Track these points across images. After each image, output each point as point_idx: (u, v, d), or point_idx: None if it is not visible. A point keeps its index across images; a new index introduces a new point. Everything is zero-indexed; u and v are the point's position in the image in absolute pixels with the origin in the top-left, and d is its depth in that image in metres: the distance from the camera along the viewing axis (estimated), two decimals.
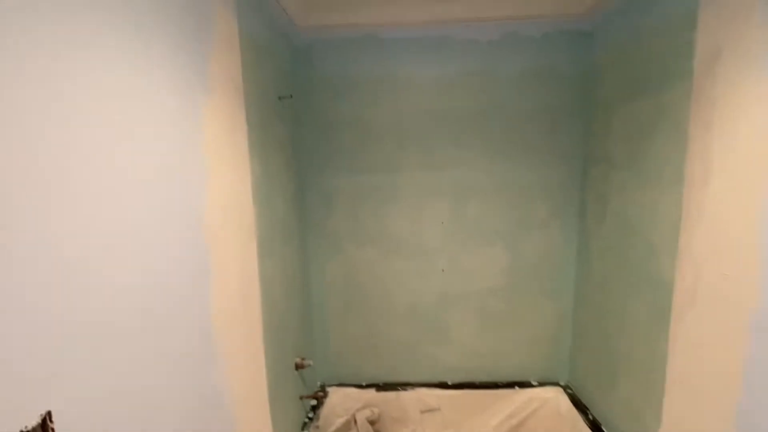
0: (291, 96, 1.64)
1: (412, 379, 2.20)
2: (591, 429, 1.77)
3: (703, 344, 1.21)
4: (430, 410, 2.14)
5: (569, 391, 2.07)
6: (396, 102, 1.98)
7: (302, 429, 1.86)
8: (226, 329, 1.11)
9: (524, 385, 2.14)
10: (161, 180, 0.83)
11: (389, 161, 2.03)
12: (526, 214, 2.05)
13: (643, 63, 1.48)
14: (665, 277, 1.38)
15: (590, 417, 1.85)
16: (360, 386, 2.17)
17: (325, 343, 2.19)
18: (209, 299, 1.02)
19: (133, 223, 0.75)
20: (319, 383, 2.19)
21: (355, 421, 2.05)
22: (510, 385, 2.15)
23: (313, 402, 2.02)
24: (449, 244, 2.08)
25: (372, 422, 2.07)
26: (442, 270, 2.11)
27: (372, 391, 2.14)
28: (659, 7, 1.38)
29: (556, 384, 2.14)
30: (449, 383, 2.18)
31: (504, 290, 2.12)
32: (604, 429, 1.75)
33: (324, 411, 2.00)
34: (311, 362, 1.82)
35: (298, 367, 1.78)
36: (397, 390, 2.15)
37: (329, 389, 2.12)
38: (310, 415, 1.96)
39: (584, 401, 1.96)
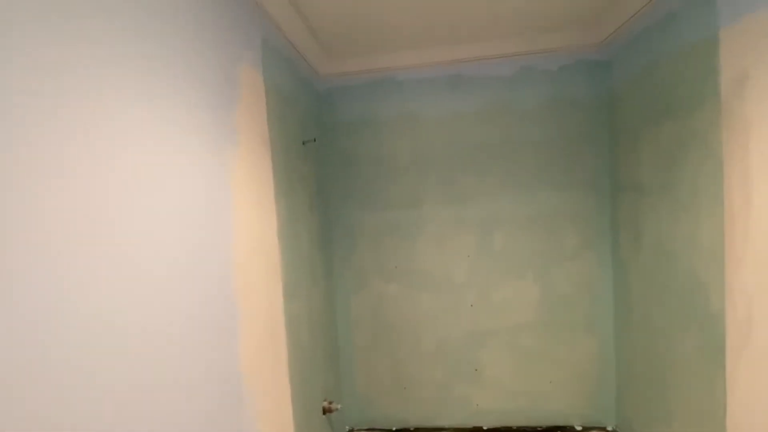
0: (315, 140, 1.71)
1: (444, 423, 2.08)
2: None
3: (765, 382, 1.09)
4: None
5: None
6: (416, 139, 2.02)
7: None
8: (253, 373, 1.10)
9: (567, 430, 1.98)
10: (191, 227, 0.87)
11: (412, 196, 2.05)
12: (555, 244, 1.99)
13: (667, 88, 1.46)
14: (714, 309, 1.28)
15: None
16: (390, 431, 2.07)
17: (351, 384, 2.13)
18: (238, 342, 1.03)
19: (167, 267, 0.78)
20: (347, 428, 2.11)
21: None
22: (551, 429, 1.99)
23: None
24: (476, 277, 2.03)
25: None
26: (471, 305, 2.04)
27: None
28: (677, 35, 1.38)
29: (603, 429, 1.97)
30: (485, 428, 2.05)
31: (537, 325, 2.02)
32: None
33: None
34: (339, 406, 1.77)
35: (325, 411, 1.73)
36: None
37: None
38: None
39: None
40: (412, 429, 2.07)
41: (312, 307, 1.70)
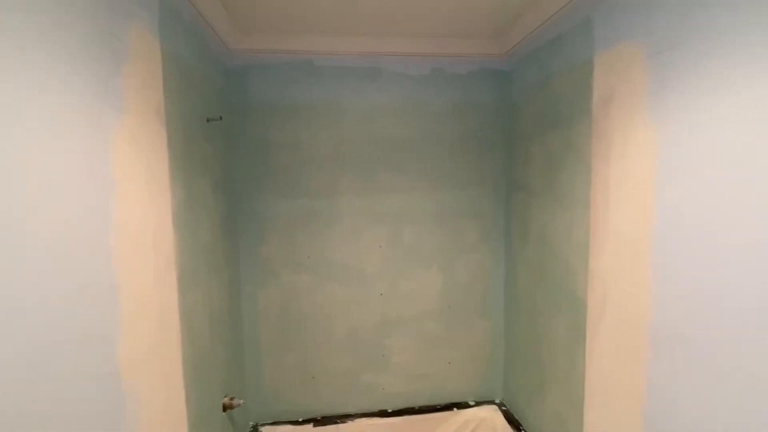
0: (221, 118, 1.57)
1: (352, 409, 2.12)
2: None
3: (613, 356, 1.33)
4: None
5: (504, 408, 2.15)
6: (333, 128, 2.00)
7: None
8: (137, 374, 0.98)
9: (462, 405, 2.18)
10: (53, 208, 0.74)
11: (327, 186, 2.02)
12: (458, 238, 2.15)
13: (554, 102, 1.66)
14: (580, 294, 1.51)
15: None
16: (296, 423, 2.04)
17: (258, 379, 2.04)
18: (116, 341, 0.91)
19: (20, 258, 0.64)
20: (251, 424, 2.02)
21: None
22: (449, 407, 2.17)
23: None
24: (387, 268, 2.10)
25: None
26: (381, 294, 2.11)
27: (309, 427, 2.03)
28: (563, 54, 1.58)
29: (492, 402, 2.21)
30: (389, 411, 2.14)
31: (439, 312, 2.17)
32: None
33: None
34: (242, 401, 1.68)
35: (226, 408, 1.64)
36: (336, 423, 2.06)
37: (262, 429, 1.97)
38: None
39: (517, 417, 2.04)
40: (319, 418, 2.07)
41: (213, 299, 1.58)
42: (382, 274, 2.10)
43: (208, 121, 1.55)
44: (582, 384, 1.50)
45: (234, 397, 1.69)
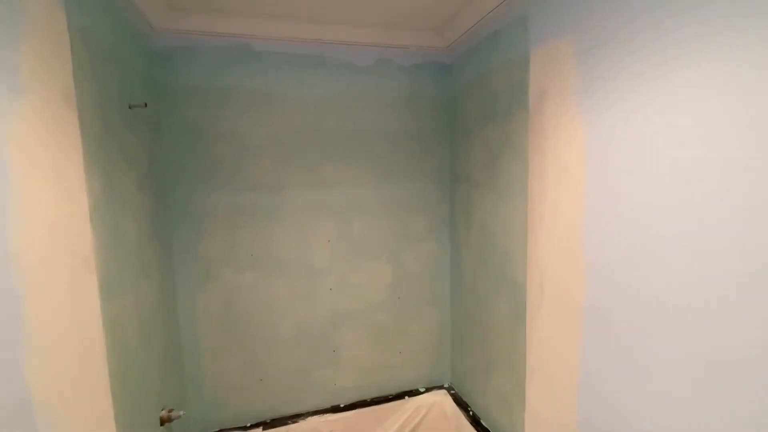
0: (146, 104, 1.42)
1: (303, 408, 2.07)
2: (472, 424, 1.92)
3: (551, 336, 1.42)
4: None
5: (452, 391, 2.23)
6: (276, 118, 1.90)
7: None
8: (51, 394, 0.86)
9: (413, 393, 2.22)
10: None
11: (271, 179, 1.92)
12: (406, 229, 2.17)
13: (493, 96, 1.73)
14: (519, 279, 1.60)
15: (471, 413, 2.01)
16: (244, 428, 1.95)
17: (199, 387, 1.91)
18: (22, 359, 0.78)
19: None
20: None
21: None
22: (400, 395, 2.20)
23: None
24: (336, 262, 2.06)
25: None
26: (330, 289, 2.07)
27: (258, 431, 1.94)
28: (500, 50, 1.64)
29: (441, 387, 2.28)
30: (342, 405, 2.12)
31: (389, 303, 2.18)
32: (483, 422, 1.92)
33: None
34: (182, 413, 1.56)
35: (164, 421, 1.51)
36: (287, 424, 1.99)
37: None
38: None
39: (465, 399, 2.13)
40: (268, 421, 1.99)
41: (144, 305, 1.44)
42: (332, 269, 2.06)
43: (130, 107, 1.39)
44: (523, 364, 1.60)
45: (173, 409, 1.56)
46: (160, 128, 1.72)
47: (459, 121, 2.07)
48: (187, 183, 1.81)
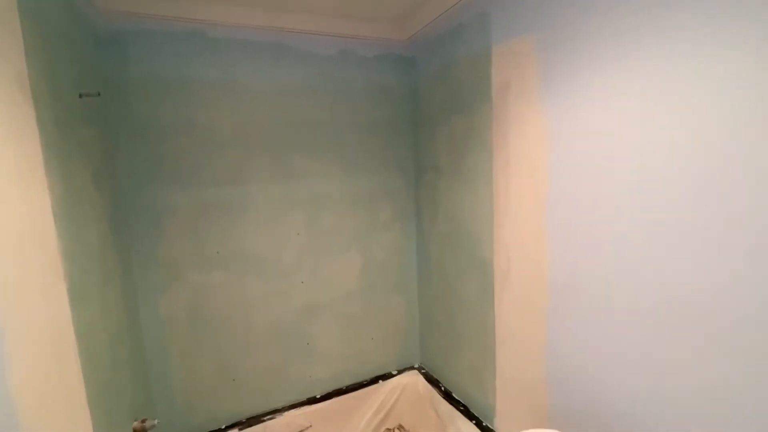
0: (99, 94, 1.30)
1: (279, 404, 2.06)
2: (445, 398, 2.05)
3: (518, 309, 1.57)
4: (302, 431, 2.05)
5: (423, 371, 2.34)
6: (238, 108, 1.83)
7: None
8: (35, 405, 0.79)
9: (387, 376, 2.30)
10: None
11: (233, 173, 1.85)
12: (373, 218, 2.22)
13: (457, 88, 1.82)
14: (487, 259, 1.72)
15: (443, 388, 2.14)
16: (220, 431, 1.89)
17: (168, 393, 1.81)
18: (9, 369, 0.71)
19: None
20: None
21: None
22: (375, 380, 2.27)
23: None
24: (306, 255, 2.05)
25: None
26: (302, 282, 2.06)
27: None
28: (464, 43, 1.73)
29: (412, 368, 2.39)
30: (318, 396, 2.14)
31: (359, 292, 2.23)
32: (455, 395, 2.05)
33: None
34: (156, 422, 1.48)
35: None
36: (264, 421, 1.97)
37: None
38: None
39: (436, 376, 2.26)
40: (244, 420, 1.95)
41: (109, 312, 1.34)
42: (302, 262, 2.04)
43: (81, 97, 1.27)
44: (493, 337, 1.74)
45: (146, 419, 1.47)
46: (111, 121, 1.58)
47: (423, 112, 2.14)
48: (142, 180, 1.68)
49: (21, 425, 0.75)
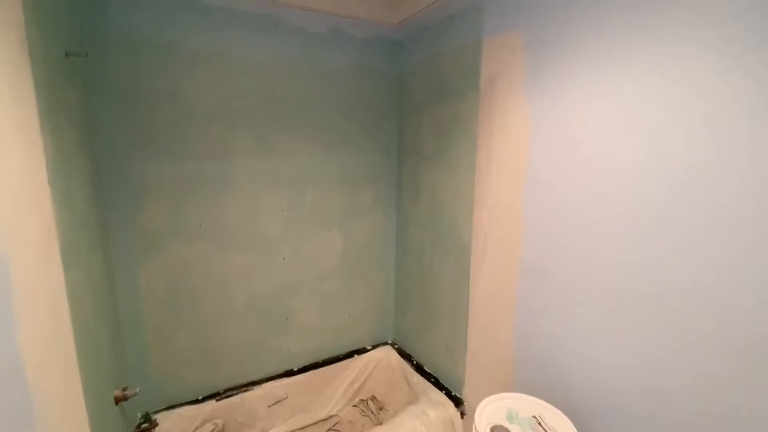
0: (86, 54, 1.24)
1: (257, 376, 2.10)
2: (417, 371, 2.18)
3: (491, 286, 1.70)
4: (278, 401, 2.12)
5: (396, 346, 2.46)
6: (224, 80, 1.80)
7: None
8: (40, 369, 0.80)
9: (361, 351, 2.40)
10: None
11: (219, 146, 1.83)
12: (355, 200, 2.27)
13: (445, 76, 1.88)
14: (465, 241, 1.83)
15: (415, 362, 2.27)
16: (197, 401, 1.91)
17: (144, 365, 1.80)
18: (15, 326, 0.72)
19: None
20: (139, 414, 1.79)
21: None
22: (350, 354, 2.36)
23: None
24: (289, 232, 2.08)
25: None
26: (284, 258, 2.09)
27: (212, 403, 1.93)
28: (455, 33, 1.79)
29: (386, 343, 2.50)
30: (295, 369, 2.20)
31: (340, 270, 2.29)
32: (426, 368, 2.19)
33: None
34: (137, 390, 1.48)
35: (118, 400, 1.42)
36: (242, 392, 2.01)
37: (157, 416, 1.78)
38: None
39: (408, 351, 2.38)
40: (222, 391, 1.99)
41: (93, 280, 1.32)
42: (285, 238, 2.07)
43: (67, 56, 1.21)
44: (466, 313, 1.86)
45: (126, 388, 1.48)
46: (91, 84, 1.51)
47: (409, 97, 2.19)
48: (123, 149, 1.63)
49: (28, 380, 0.76)
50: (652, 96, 1.07)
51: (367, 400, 2.34)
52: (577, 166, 1.28)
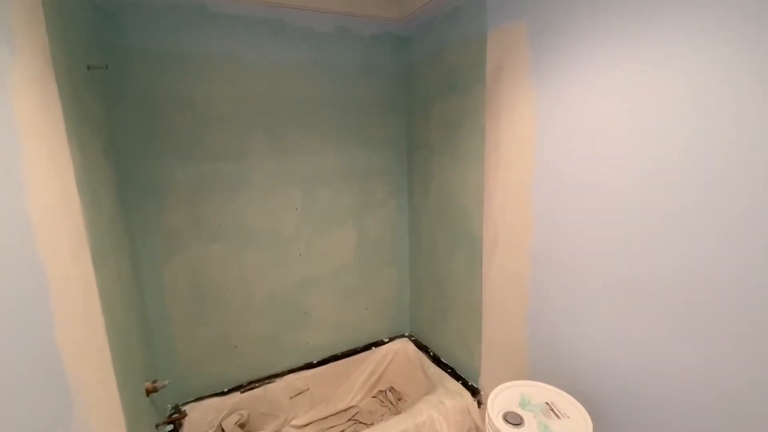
0: (106, 66, 1.32)
1: (278, 369, 2.18)
2: (434, 362, 2.21)
3: (504, 276, 1.70)
4: (299, 393, 2.19)
5: (413, 338, 2.50)
6: (234, 84, 1.85)
7: None
8: (77, 359, 0.87)
9: (378, 343, 2.45)
10: None
11: (233, 148, 1.90)
12: (368, 195, 2.30)
13: (452, 69, 1.89)
14: (476, 232, 1.85)
15: (431, 353, 2.30)
16: (222, 393, 2.00)
17: (172, 358, 1.90)
18: (53, 323, 0.79)
19: None
20: (169, 406, 1.89)
21: (223, 431, 1.90)
22: (368, 347, 2.41)
23: (170, 427, 1.75)
24: (304, 229, 2.14)
25: (242, 425, 1.96)
26: (300, 255, 2.15)
27: (237, 395, 2.01)
28: (459, 26, 1.79)
29: (402, 336, 2.54)
30: (315, 362, 2.27)
31: (355, 264, 2.33)
32: (442, 359, 2.22)
33: None
34: (167, 382, 1.57)
35: (149, 392, 1.51)
36: (264, 384, 2.09)
37: (186, 407, 1.88)
38: None
39: (425, 343, 2.41)
40: (245, 384, 2.07)
41: (121, 277, 1.40)
42: (300, 235, 2.13)
43: (89, 69, 1.29)
44: (480, 302, 1.88)
45: (156, 380, 1.56)
46: (112, 94, 1.59)
47: (417, 91, 2.21)
48: (144, 154, 1.71)
49: (67, 375, 0.83)
50: (659, 82, 1.06)
51: (385, 391, 2.38)
52: (586, 154, 1.27)
